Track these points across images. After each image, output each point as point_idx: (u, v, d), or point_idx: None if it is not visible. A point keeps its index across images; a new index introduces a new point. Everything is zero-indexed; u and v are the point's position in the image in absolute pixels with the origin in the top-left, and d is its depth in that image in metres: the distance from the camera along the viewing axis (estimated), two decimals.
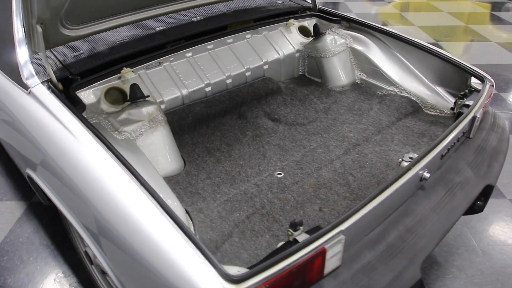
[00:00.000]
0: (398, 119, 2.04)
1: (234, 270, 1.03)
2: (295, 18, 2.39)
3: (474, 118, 1.68)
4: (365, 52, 2.30)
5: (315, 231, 1.10)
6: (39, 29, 1.39)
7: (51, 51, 1.71)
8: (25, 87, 1.53)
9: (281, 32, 2.33)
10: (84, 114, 1.53)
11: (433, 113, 2.09)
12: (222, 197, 1.54)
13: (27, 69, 1.56)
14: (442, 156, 1.52)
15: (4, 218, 2.29)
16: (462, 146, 1.72)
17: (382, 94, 2.22)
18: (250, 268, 1.03)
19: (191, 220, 1.38)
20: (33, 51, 1.49)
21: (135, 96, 1.60)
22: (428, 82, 2.15)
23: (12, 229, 2.22)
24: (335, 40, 2.30)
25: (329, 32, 2.39)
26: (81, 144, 1.26)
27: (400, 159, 1.50)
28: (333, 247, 1.10)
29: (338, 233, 1.11)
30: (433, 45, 2.25)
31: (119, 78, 1.71)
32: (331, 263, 1.13)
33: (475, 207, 1.63)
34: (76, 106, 1.46)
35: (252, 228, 1.42)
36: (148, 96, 1.67)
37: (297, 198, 1.53)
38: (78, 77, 1.64)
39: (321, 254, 1.07)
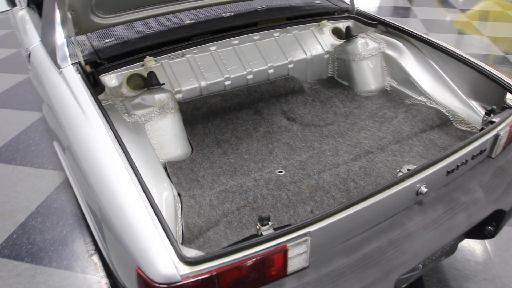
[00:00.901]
0: (422, 131, 1.94)
1: (192, 253, 1.08)
2: (330, 20, 2.36)
3: (496, 136, 1.56)
4: (397, 58, 2.20)
5: (282, 229, 1.11)
6: (69, 15, 1.54)
7: (87, 37, 1.87)
8: (58, 67, 1.70)
9: (312, 32, 2.32)
10: (102, 95, 1.67)
11: (464, 128, 1.95)
12: (219, 187, 1.59)
13: (62, 51, 1.73)
14: (448, 172, 1.43)
15: (45, 184, 2.56)
16: (481, 165, 1.60)
17: (411, 103, 2.12)
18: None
19: (181, 204, 1.45)
20: (66, 35, 1.66)
21: (151, 83, 1.71)
22: (462, 95, 2.01)
23: (50, 195, 2.47)
24: (366, 44, 2.23)
25: (363, 36, 2.32)
26: (88, 122, 1.38)
27: (398, 170, 1.44)
28: (297, 246, 1.10)
29: (303, 234, 1.10)
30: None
31: (142, 65, 1.84)
32: (295, 263, 1.14)
33: (485, 232, 1.52)
34: (95, 88, 1.60)
35: (240, 220, 1.45)
36: (163, 84, 1.77)
37: (291, 197, 1.53)
38: (106, 61, 1.78)
39: (282, 251, 1.08)
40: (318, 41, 2.30)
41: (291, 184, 1.60)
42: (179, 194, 1.50)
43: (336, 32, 2.39)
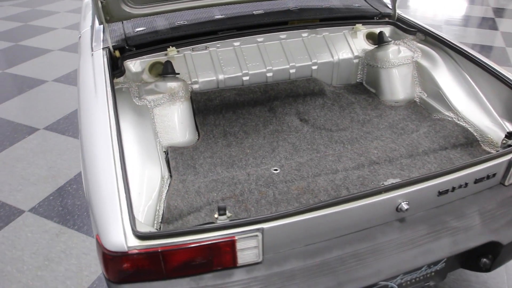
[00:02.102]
0: (442, 148, 1.81)
1: (146, 229, 1.15)
2: (367, 24, 2.28)
3: (510, 162, 1.41)
4: (430, 69, 2.07)
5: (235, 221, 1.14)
6: (100, 4, 1.70)
7: (122, 24, 2.04)
8: (92, 49, 1.89)
9: (344, 35, 2.26)
10: (121, 78, 1.82)
11: (492, 151, 1.79)
12: (212, 176, 1.65)
13: (96, 36, 1.93)
14: (440, 193, 1.34)
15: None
16: (489, 191, 1.46)
17: (437, 118, 1.98)
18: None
19: (169, 186, 1.54)
20: (100, 22, 1.83)
21: (166, 72, 1.82)
22: (495, 115, 1.84)
23: None
24: (398, 51, 2.12)
25: (398, 43, 2.21)
26: (96, 99, 1.52)
27: (382, 182, 1.38)
28: (246, 240, 1.12)
29: (255, 230, 1.12)
30: None
31: (165, 55, 1.96)
32: (246, 256, 1.16)
33: (480, 264, 1.38)
34: (114, 71, 1.75)
35: None
36: (178, 74, 1.86)
37: (277, 196, 1.54)
38: (134, 48, 1.93)
39: (229, 242, 1.11)
40: (349, 45, 2.24)
41: (281, 183, 1.61)
42: (171, 177, 1.59)
43: (371, 37, 2.30)
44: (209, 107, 1.96)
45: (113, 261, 1.08)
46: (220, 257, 1.13)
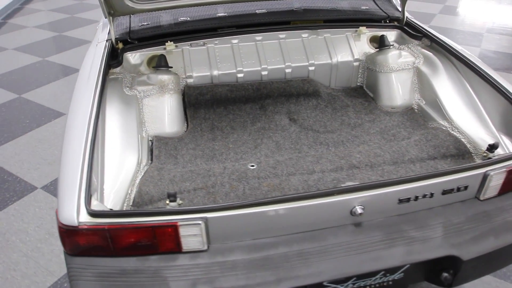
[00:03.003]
0: (430, 158, 1.75)
1: (99, 207, 1.23)
2: (374, 27, 2.24)
3: (485, 176, 1.35)
4: (430, 76, 1.99)
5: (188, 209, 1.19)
6: None
7: (129, 18, 2.15)
8: (97, 40, 2.02)
9: (347, 38, 2.23)
10: (118, 69, 1.92)
11: None
12: (190, 167, 1.71)
13: (104, 28, 2.05)
14: (401, 201, 1.31)
15: None
16: (461, 204, 1.40)
17: (432, 126, 1.91)
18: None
19: (144, 173, 1.61)
20: (105, 15, 1.95)
21: (160, 65, 1.91)
22: (492, 127, 1.75)
23: None
24: (399, 56, 2.07)
25: (402, 47, 2.15)
26: (86, 85, 1.63)
27: (340, 185, 1.36)
28: (189, 227, 1.17)
29: (198, 218, 1.16)
30: None
31: (164, 49, 2.04)
32: (190, 243, 1.20)
33: (442, 278, 1.34)
34: (112, 61, 1.86)
35: (192, 200, 1.55)
36: (171, 67, 1.94)
37: (247, 191, 1.57)
38: (136, 41, 2.04)
39: (172, 227, 1.16)
40: (350, 48, 2.21)
41: (254, 179, 1.63)
42: (151, 163, 1.67)
43: (374, 40, 2.26)
44: (201, 101, 2.02)
45: (66, 234, 1.16)
46: (165, 241, 1.19)
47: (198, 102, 2.02)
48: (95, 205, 1.22)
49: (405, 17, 2.24)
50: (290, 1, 2.30)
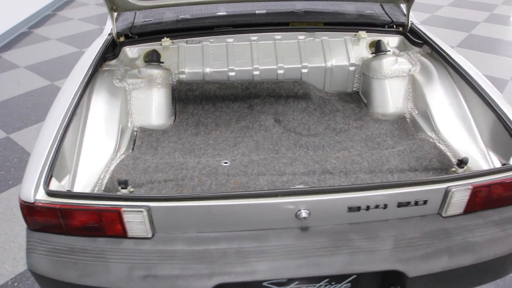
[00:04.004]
0: (410, 169, 1.69)
1: (56, 188, 1.31)
2: (371, 31, 2.18)
3: (447, 192, 1.29)
4: (423, 85, 1.91)
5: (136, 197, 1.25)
6: None
7: (134, 14, 2.25)
8: (103, 33, 2.15)
9: (345, 41, 2.19)
10: (114, 61, 2.02)
11: None
12: (167, 159, 1.77)
13: (108, 22, 2.17)
14: (351, 209, 1.28)
15: None
16: (419, 219, 1.35)
17: (420, 137, 1.84)
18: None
19: (120, 161, 1.69)
20: (109, 10, 2.06)
21: (151, 59, 1.99)
22: (481, 142, 1.65)
23: None
24: (394, 62, 2.00)
25: (400, 54, 2.08)
26: (75, 74, 1.74)
27: (292, 186, 1.36)
28: (132, 214, 1.22)
29: (140, 206, 1.22)
30: None
31: (161, 45, 2.12)
32: (135, 229, 1.26)
33: None
34: (108, 54, 1.97)
35: (160, 190, 1.61)
36: (163, 63, 2.01)
37: (213, 186, 1.60)
38: (136, 36, 2.14)
39: (115, 212, 1.22)
40: (347, 52, 2.17)
41: (223, 175, 1.66)
42: (133, 151, 1.75)
43: (374, 45, 2.20)
44: (190, 97, 2.08)
45: (24, 210, 1.26)
46: (111, 225, 1.25)
47: (188, 97, 2.08)
48: (54, 186, 1.31)
49: (410, 22, 2.16)
50: (293, 2, 2.29)
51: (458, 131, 1.73)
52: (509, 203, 1.40)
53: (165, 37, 2.10)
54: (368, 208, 1.29)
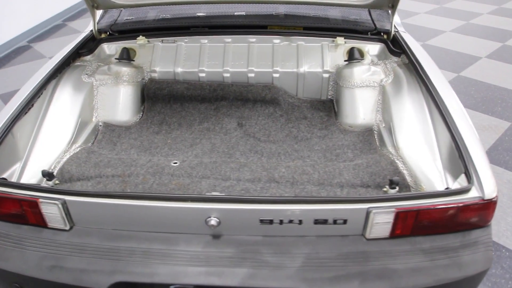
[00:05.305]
0: (362, 185, 1.60)
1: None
2: (350, 38, 2.09)
3: (368, 213, 1.22)
4: (391, 97, 1.81)
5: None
6: None
7: (119, 12, 2.32)
8: (85, 29, 2.24)
9: (321, 48, 2.11)
10: (89, 57, 2.10)
11: None
12: (121, 155, 1.81)
13: (92, 20, 2.25)
14: (263, 221, 1.25)
15: None
16: (340, 239, 1.28)
17: (381, 152, 1.75)
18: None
19: (74, 153, 1.75)
20: (89, 7, 2.14)
21: (121, 57, 2.04)
22: (440, 164, 1.54)
23: None
24: (365, 71, 1.90)
25: (377, 62, 1.98)
26: (44, 70, 1.83)
27: (212, 193, 1.34)
28: (48, 206, 1.27)
29: (55, 198, 1.26)
30: None
31: (136, 43, 2.17)
32: (53, 220, 1.30)
33: None
34: (82, 49, 2.04)
35: (106, 184, 1.65)
36: (133, 61, 2.05)
37: (155, 186, 1.61)
38: (116, 33, 2.20)
39: (34, 203, 1.27)
40: (322, 58, 2.09)
41: (167, 175, 1.68)
42: (90, 146, 1.81)
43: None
44: (158, 96, 2.11)
45: None
46: (32, 214, 1.30)
47: (156, 96, 2.11)
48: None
49: (392, 30, 2.05)
50: (275, 5, 2.25)
51: (418, 149, 1.63)
52: (446, 231, 1.29)
53: (140, 36, 2.14)
54: (281, 222, 1.24)
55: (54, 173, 1.60)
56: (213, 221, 1.23)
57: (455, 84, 3.91)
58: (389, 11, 2.03)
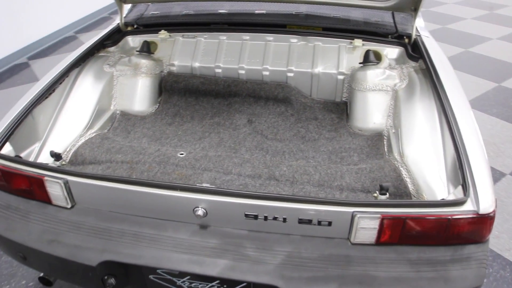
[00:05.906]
0: (363, 190, 1.58)
1: (6, 152, 1.50)
2: (368, 40, 2.05)
3: (353, 216, 1.21)
4: (403, 103, 1.76)
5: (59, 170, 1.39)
6: None
7: (147, 7, 2.42)
8: (113, 22, 2.35)
9: (338, 49, 2.08)
10: (113, 48, 2.21)
11: None
12: (133, 143, 1.89)
13: (118, 13, 2.37)
14: (247, 216, 1.27)
15: None
16: (324, 241, 1.28)
17: (387, 158, 1.71)
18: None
19: (90, 138, 1.85)
20: (117, 1, 2.25)
21: (142, 50, 2.12)
22: (444, 174, 1.49)
23: None
24: (379, 75, 1.85)
25: (394, 67, 1.93)
26: (69, 59, 1.95)
27: (200, 184, 1.38)
28: (52, 184, 1.36)
29: (58, 177, 1.35)
30: None
31: (158, 37, 2.25)
32: (57, 198, 1.39)
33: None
34: (107, 40, 2.16)
35: (114, 169, 1.73)
36: (153, 53, 2.13)
37: (158, 174, 1.68)
38: (141, 27, 2.30)
39: (40, 180, 1.37)
40: (338, 59, 2.07)
41: (172, 165, 1.74)
42: (102, 132, 1.92)
43: (375, 55, 2.06)
44: (175, 89, 2.17)
45: None
46: (38, 190, 1.41)
47: (173, 89, 2.18)
48: (6, 151, 1.51)
49: (414, 34, 1.99)
50: (296, 5, 2.25)
51: (424, 157, 1.58)
52: (437, 243, 1.25)
53: (162, 30, 2.22)
54: (266, 218, 1.26)
55: (62, 155, 1.70)
56: (200, 211, 1.26)
57: (495, 94, 3.70)
58: (412, 14, 1.97)
